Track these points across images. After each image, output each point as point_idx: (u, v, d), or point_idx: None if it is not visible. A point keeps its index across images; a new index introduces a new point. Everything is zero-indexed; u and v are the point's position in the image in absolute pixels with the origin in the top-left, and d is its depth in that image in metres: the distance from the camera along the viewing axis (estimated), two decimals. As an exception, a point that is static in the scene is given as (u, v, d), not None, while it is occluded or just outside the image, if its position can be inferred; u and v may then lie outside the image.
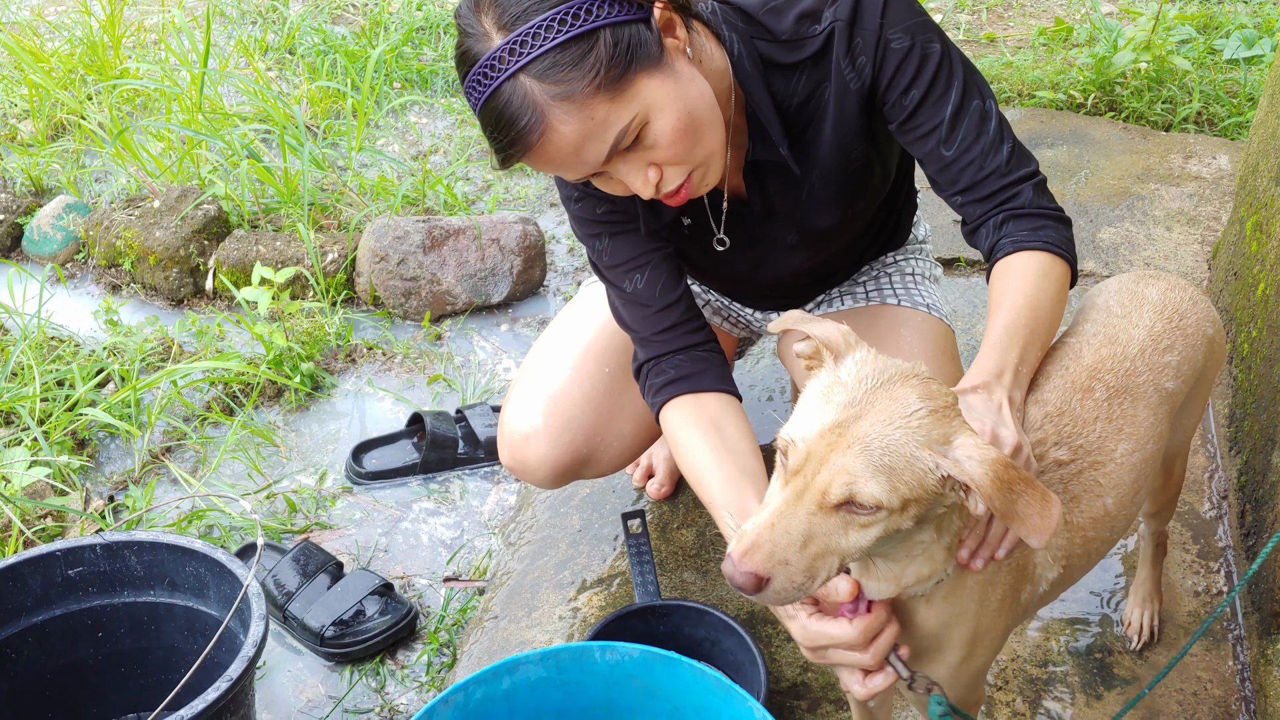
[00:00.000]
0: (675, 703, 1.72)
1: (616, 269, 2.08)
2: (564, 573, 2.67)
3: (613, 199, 2.03)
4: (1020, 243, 1.87)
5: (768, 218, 2.12)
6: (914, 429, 1.36)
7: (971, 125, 1.91)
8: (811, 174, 2.03)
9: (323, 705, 2.59)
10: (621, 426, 2.34)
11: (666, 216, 2.04)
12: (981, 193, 1.92)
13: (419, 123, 4.72)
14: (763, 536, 1.37)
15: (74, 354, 3.45)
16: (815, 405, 1.40)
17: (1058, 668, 2.38)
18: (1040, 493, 1.37)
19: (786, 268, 2.25)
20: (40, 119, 4.60)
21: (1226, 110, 4.25)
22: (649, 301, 2.06)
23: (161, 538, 2.31)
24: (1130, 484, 1.75)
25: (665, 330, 2.06)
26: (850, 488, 1.34)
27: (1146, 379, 1.80)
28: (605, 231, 2.07)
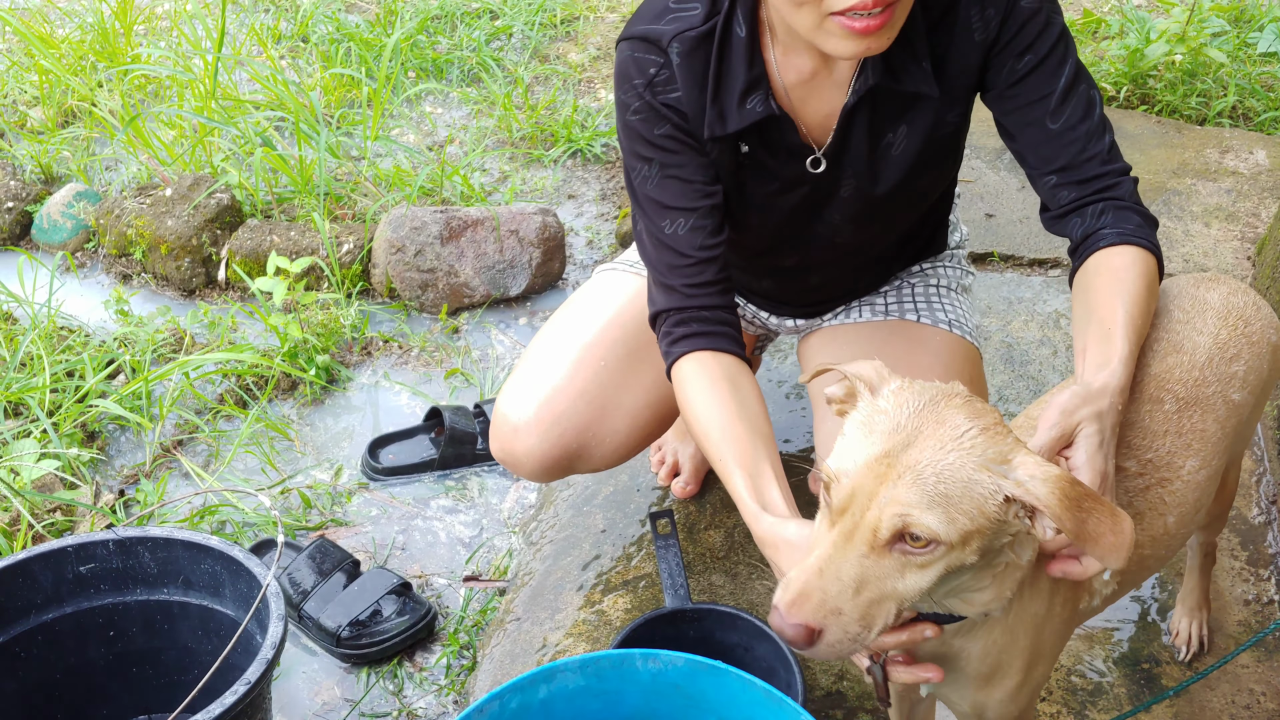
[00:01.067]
0: (720, 714, 1.64)
1: (658, 205, 1.97)
2: (588, 573, 2.58)
3: (674, 120, 1.93)
4: (1128, 235, 1.81)
5: (835, 170, 2.01)
6: (968, 450, 1.27)
7: (1079, 105, 1.86)
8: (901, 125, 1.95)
9: (339, 708, 2.51)
10: (615, 423, 2.26)
11: (731, 127, 1.92)
12: (1080, 175, 1.86)
13: (434, 112, 4.64)
14: (811, 584, 1.27)
15: (84, 344, 3.37)
16: (857, 437, 1.31)
17: (1103, 678, 2.30)
18: (1110, 510, 1.28)
19: (825, 239, 2.15)
20: (50, 106, 4.52)
21: (1263, 104, 4.16)
22: (687, 251, 1.95)
23: (176, 534, 2.23)
24: (1193, 502, 1.66)
25: (696, 285, 1.96)
26: (903, 520, 1.24)
27: (1215, 390, 1.70)
28: (657, 159, 1.96)
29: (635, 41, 1.94)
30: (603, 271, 2.45)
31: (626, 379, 2.26)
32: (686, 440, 2.75)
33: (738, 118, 1.90)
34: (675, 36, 1.90)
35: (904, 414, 1.30)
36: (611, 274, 2.41)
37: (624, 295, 2.35)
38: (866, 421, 1.32)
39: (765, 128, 1.94)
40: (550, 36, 5.17)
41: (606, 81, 4.81)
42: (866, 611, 1.28)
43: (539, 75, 4.87)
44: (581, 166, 4.32)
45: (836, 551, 1.27)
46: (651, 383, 2.28)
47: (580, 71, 4.88)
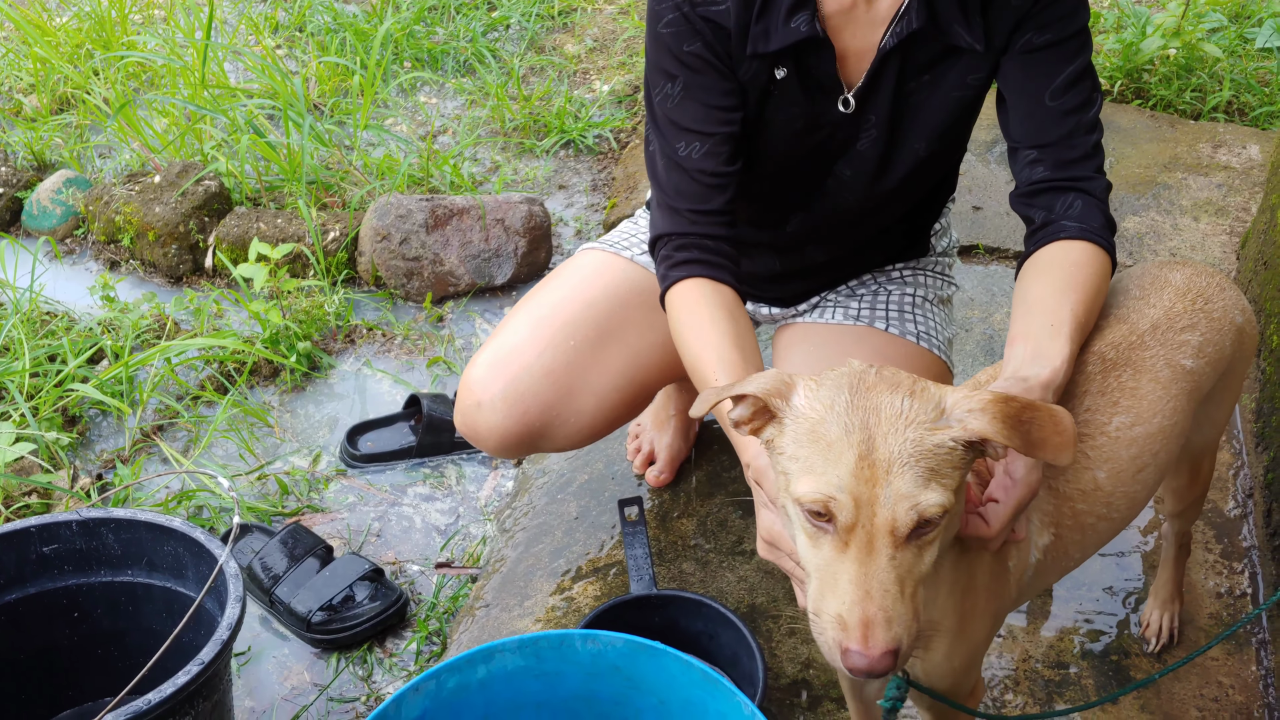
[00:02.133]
0: (660, 696, 1.63)
1: (676, 126, 1.94)
2: (559, 561, 2.57)
3: (707, 37, 1.90)
4: (1090, 233, 1.81)
5: (859, 115, 1.98)
6: (918, 420, 1.29)
7: (1080, 96, 1.86)
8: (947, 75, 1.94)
9: (307, 693, 2.50)
10: (580, 403, 2.24)
11: (774, 44, 1.89)
12: (1061, 156, 1.86)
13: (429, 103, 4.63)
14: (868, 608, 1.26)
15: (67, 329, 3.37)
16: (815, 453, 1.30)
17: (1072, 670, 2.28)
18: (1047, 412, 1.33)
19: (830, 197, 2.12)
20: (45, 93, 4.53)
21: (1258, 99, 4.12)
22: (698, 175, 1.93)
23: (139, 515, 2.23)
24: (1130, 459, 1.66)
25: (703, 212, 1.93)
26: (918, 511, 1.26)
27: (1156, 354, 1.71)
28: (683, 76, 1.93)
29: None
30: (585, 250, 2.43)
31: (596, 359, 2.24)
32: (664, 429, 2.73)
33: (782, 35, 1.87)
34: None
35: (841, 416, 1.30)
36: (592, 253, 2.39)
37: (601, 275, 2.33)
38: (811, 436, 1.31)
39: (804, 52, 1.91)
40: (548, 28, 5.16)
41: (602, 73, 4.80)
42: (912, 605, 1.30)
43: (534, 66, 4.86)
44: (574, 157, 4.31)
45: (866, 566, 1.27)
46: (622, 364, 2.26)
47: (576, 63, 4.87)
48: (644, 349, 2.28)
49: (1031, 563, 1.62)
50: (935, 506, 1.27)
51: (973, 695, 1.69)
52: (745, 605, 2.42)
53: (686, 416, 2.72)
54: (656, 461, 2.73)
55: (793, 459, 1.33)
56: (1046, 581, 1.73)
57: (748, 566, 2.50)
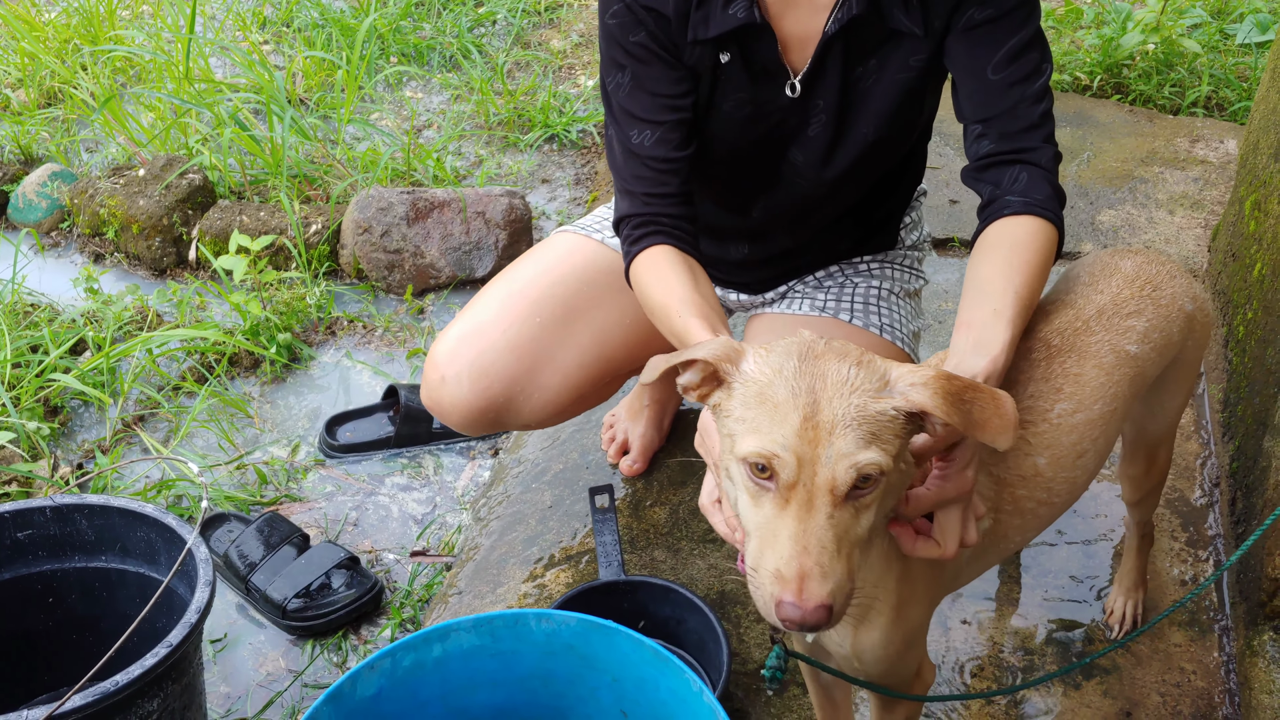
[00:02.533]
0: (614, 674, 1.65)
1: (629, 115, 1.98)
2: (532, 548, 2.59)
3: (650, 26, 1.93)
4: (1033, 205, 1.80)
5: (807, 99, 2.01)
6: (862, 388, 1.32)
7: (1024, 68, 1.85)
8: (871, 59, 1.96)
9: (282, 679, 2.53)
10: (545, 379, 2.25)
11: (714, 30, 1.92)
12: (1004, 129, 1.86)
13: (415, 98, 4.66)
14: (805, 562, 1.28)
15: (50, 320, 3.39)
16: (763, 412, 1.33)
17: (1036, 657, 2.30)
18: (990, 394, 1.35)
19: (789, 182, 2.15)
20: (32, 87, 4.55)
21: (1236, 94, 4.15)
22: (652, 161, 1.97)
23: (112, 501, 2.25)
24: (1070, 445, 1.68)
25: (659, 195, 1.96)
26: (856, 469, 1.29)
27: (1100, 339, 1.73)
28: (630, 66, 1.97)
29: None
30: (558, 233, 2.45)
31: (561, 336, 2.26)
32: (637, 419, 2.76)
33: (720, 21, 1.90)
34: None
35: (788, 380, 1.33)
36: (564, 235, 2.42)
37: (571, 255, 2.35)
38: (760, 395, 1.34)
39: (746, 38, 1.94)
40: (533, 23, 5.18)
41: (587, 67, 4.82)
42: (848, 565, 1.31)
43: (519, 61, 4.88)
44: (557, 152, 4.33)
45: (804, 522, 1.29)
46: (588, 342, 2.29)
47: (561, 58, 4.89)
48: (611, 328, 2.30)
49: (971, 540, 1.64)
50: (873, 465, 1.29)
51: (920, 677, 1.71)
52: (715, 592, 2.44)
53: (660, 406, 2.75)
54: (630, 451, 2.75)
55: (739, 420, 1.35)
56: (985, 564, 1.75)
57: (718, 554, 2.52)
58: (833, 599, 1.28)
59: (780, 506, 1.31)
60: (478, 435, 2.67)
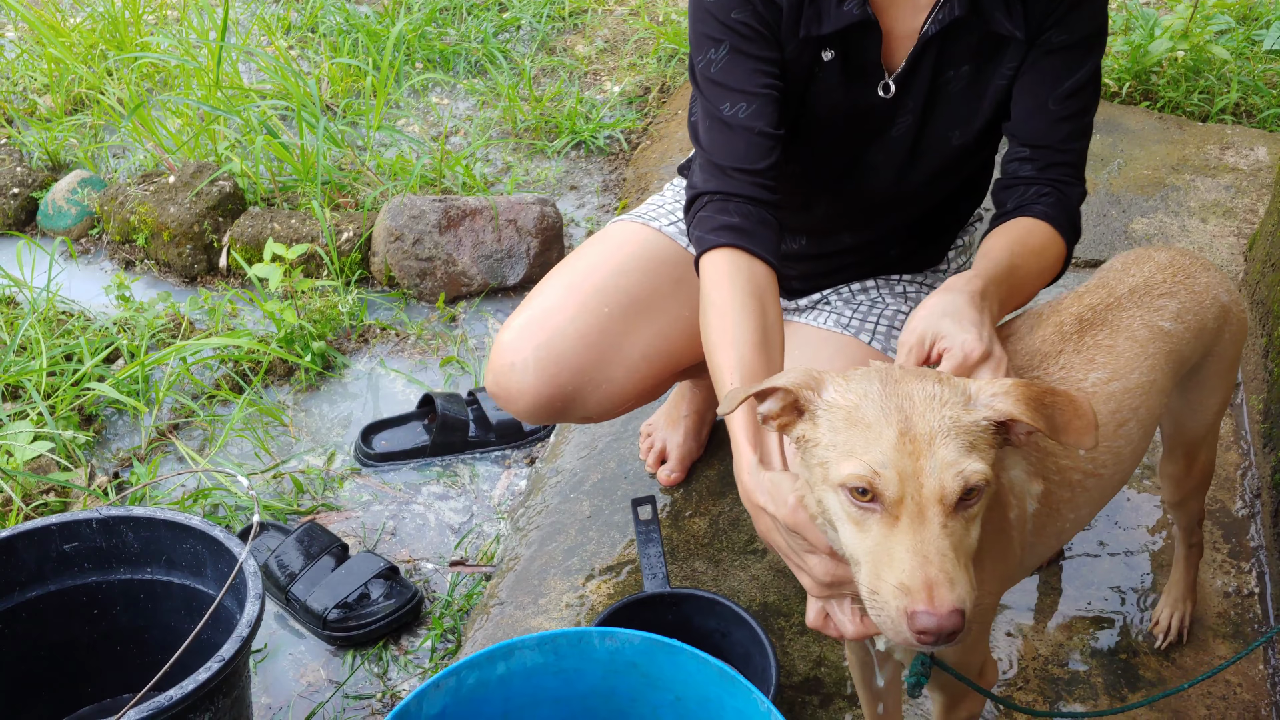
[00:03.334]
0: (677, 693, 1.65)
1: (721, 87, 1.91)
2: (572, 559, 2.60)
3: (757, 6, 1.89)
4: (1053, 219, 1.91)
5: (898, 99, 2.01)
6: (951, 402, 1.34)
7: (1081, 102, 1.94)
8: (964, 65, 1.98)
9: (323, 690, 2.53)
10: (612, 371, 2.24)
11: (827, 27, 1.89)
12: (1050, 159, 1.94)
13: (440, 103, 4.66)
14: (930, 570, 1.26)
15: (83, 329, 3.40)
16: (855, 434, 1.33)
17: (1080, 668, 2.30)
18: (1068, 397, 1.38)
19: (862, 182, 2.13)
20: (59, 94, 4.56)
21: (1266, 101, 4.14)
22: (746, 132, 1.89)
23: (159, 514, 2.25)
24: (1109, 414, 1.71)
25: (749, 171, 1.89)
26: (964, 478, 1.29)
27: (1133, 314, 1.78)
28: (728, 40, 1.91)
29: None
30: (614, 222, 2.43)
31: (628, 329, 2.24)
32: (675, 428, 2.75)
33: (835, 18, 1.89)
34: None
35: (876, 400, 1.34)
36: (623, 224, 2.40)
37: (633, 245, 2.33)
38: (850, 419, 1.34)
39: (852, 36, 1.93)
40: (558, 29, 5.18)
41: (613, 74, 4.82)
42: (969, 574, 1.30)
43: (545, 67, 4.88)
44: (585, 158, 4.33)
45: (919, 535, 1.28)
46: (653, 335, 2.27)
47: (587, 64, 4.90)
48: (673, 322, 2.28)
49: (1030, 513, 1.64)
50: (979, 474, 1.30)
51: (983, 675, 1.71)
52: (757, 604, 2.44)
53: (699, 416, 2.75)
54: (668, 460, 2.75)
55: (830, 446, 1.34)
56: (1046, 545, 1.74)
57: (760, 565, 2.53)
58: (963, 603, 1.26)
59: (890, 525, 1.29)
60: (538, 424, 2.65)
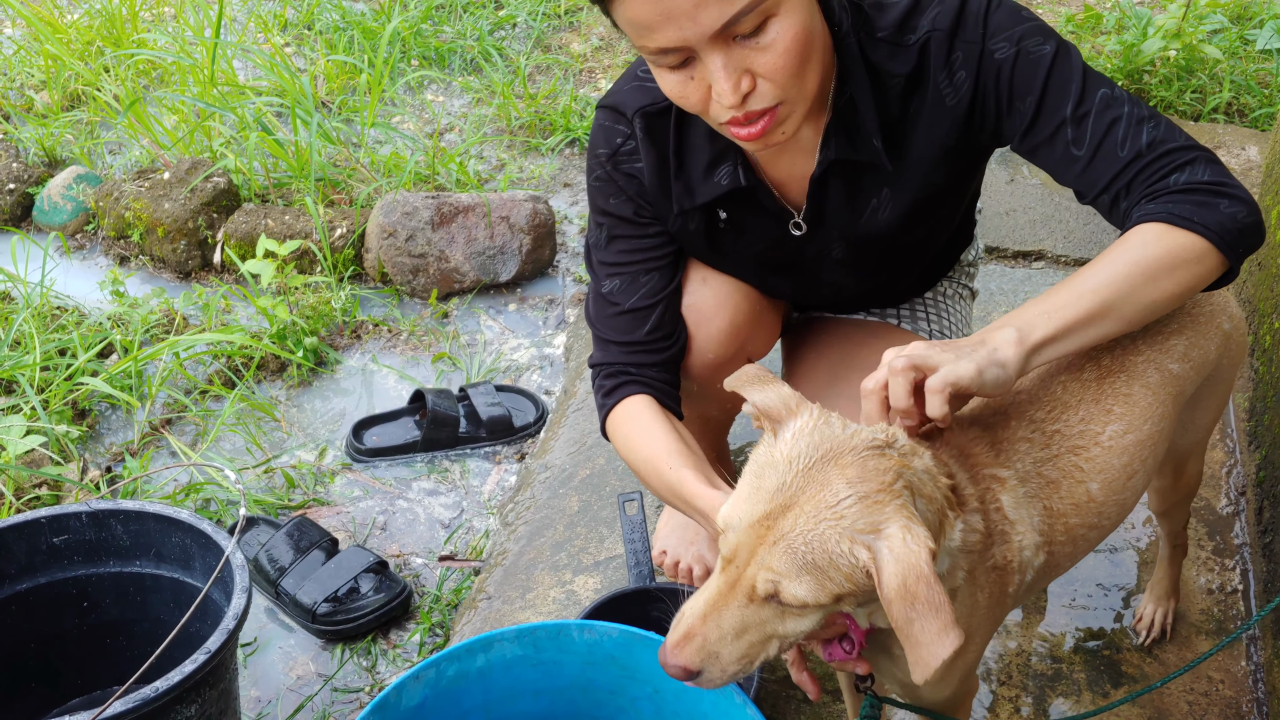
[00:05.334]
0: (655, 685, 1.67)
1: (603, 265, 2.02)
2: (560, 554, 2.61)
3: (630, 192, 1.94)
4: (1141, 217, 1.63)
5: (818, 232, 1.98)
6: (838, 520, 1.30)
7: (1100, 120, 1.69)
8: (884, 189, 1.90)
9: (312, 683, 2.54)
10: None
11: (700, 199, 1.90)
12: (1125, 183, 1.68)
13: (436, 101, 4.67)
14: (695, 628, 1.37)
15: (77, 324, 3.41)
16: (748, 488, 1.37)
17: (1064, 664, 2.31)
18: (943, 624, 1.28)
19: (830, 287, 2.14)
20: (56, 90, 4.58)
21: (1258, 101, 4.15)
22: (621, 309, 1.99)
23: (148, 507, 2.27)
24: (1121, 468, 1.67)
25: (629, 343, 1.99)
26: (775, 586, 1.32)
27: (1147, 358, 1.72)
28: (606, 225, 2.00)
29: (607, 110, 1.95)
30: None
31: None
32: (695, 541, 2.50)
33: (704, 190, 1.90)
34: (638, 111, 1.89)
35: (792, 471, 1.34)
36: None
37: None
38: (759, 472, 1.37)
39: (739, 195, 1.92)
40: (554, 26, 5.20)
41: (608, 71, 4.83)
42: (746, 651, 1.38)
43: (540, 65, 4.89)
44: (578, 155, 4.34)
45: (720, 598, 1.36)
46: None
47: (582, 61, 4.91)
48: None
49: (1027, 582, 1.64)
50: (793, 596, 1.31)
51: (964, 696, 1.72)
52: (743, 599, 2.45)
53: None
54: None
55: (742, 480, 1.40)
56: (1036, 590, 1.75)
57: (746, 561, 2.54)
58: (700, 669, 1.37)
59: (720, 568, 1.38)
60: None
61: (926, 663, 1.28)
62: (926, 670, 1.28)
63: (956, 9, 1.75)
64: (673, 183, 1.91)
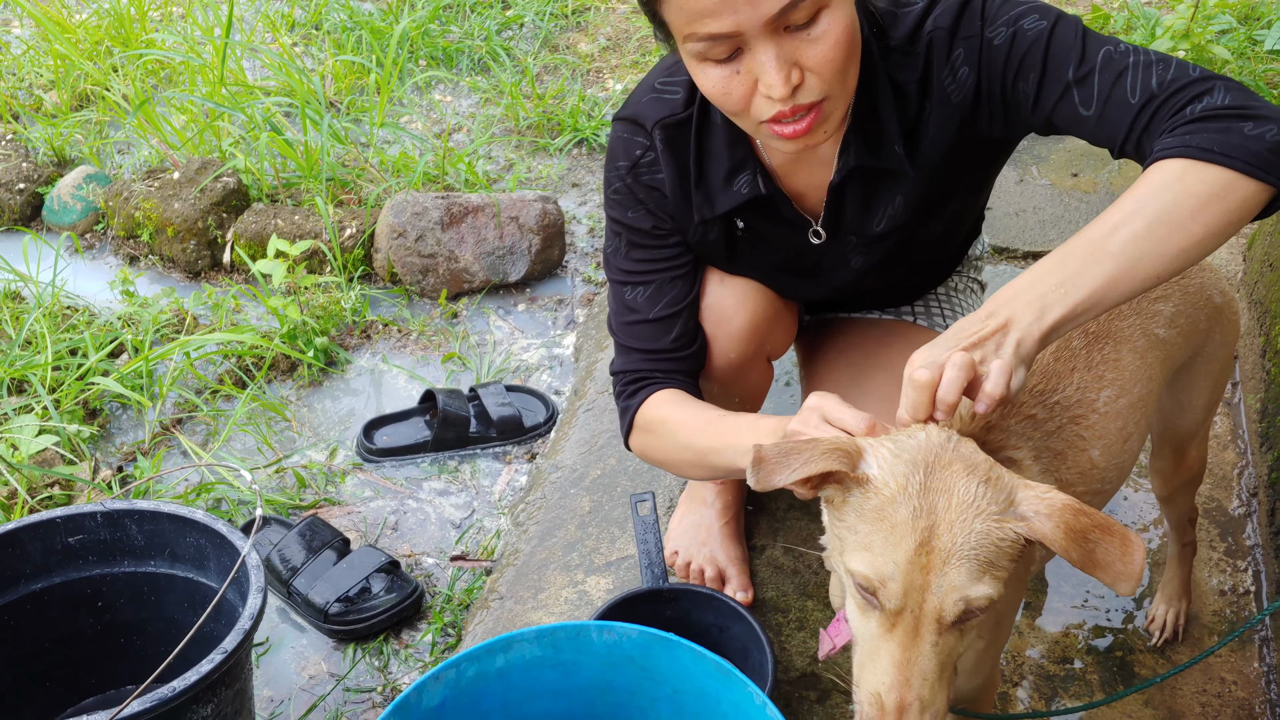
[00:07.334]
0: (674, 686, 1.67)
1: (623, 273, 2.05)
2: (572, 554, 2.62)
3: (650, 205, 1.96)
4: (1156, 155, 1.54)
5: (837, 239, 2.00)
6: (985, 512, 1.30)
7: (1106, 76, 1.64)
8: (899, 193, 1.93)
9: (324, 683, 2.55)
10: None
11: (720, 209, 1.93)
12: (1144, 127, 1.61)
13: (444, 100, 4.68)
14: (906, 695, 1.29)
15: (88, 324, 3.42)
16: (876, 531, 1.31)
17: (1076, 665, 2.32)
18: (1120, 537, 1.29)
19: (849, 285, 2.15)
20: (65, 90, 4.58)
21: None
22: (644, 318, 2.02)
23: (162, 507, 2.27)
24: (1117, 431, 1.69)
25: (652, 351, 2.02)
26: (965, 603, 1.28)
27: (1132, 323, 1.75)
28: (626, 235, 2.03)
29: (625, 123, 1.96)
30: None
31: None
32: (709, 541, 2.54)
33: (725, 199, 1.91)
34: (658, 123, 1.90)
35: (912, 495, 1.30)
36: None
37: None
38: (878, 516, 1.31)
39: (758, 204, 1.94)
40: (561, 26, 5.20)
41: (615, 71, 4.84)
42: (948, 690, 1.32)
43: (548, 65, 4.90)
44: (587, 155, 4.35)
45: (908, 650, 1.30)
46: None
47: (589, 61, 4.91)
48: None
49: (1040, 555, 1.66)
50: (983, 599, 1.28)
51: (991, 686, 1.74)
52: (755, 599, 2.46)
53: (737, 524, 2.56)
54: (728, 580, 2.48)
55: (852, 530, 1.34)
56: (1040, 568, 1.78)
57: (758, 561, 2.54)
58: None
59: (886, 629, 1.31)
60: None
61: (1129, 574, 1.28)
62: (1132, 580, 1.28)
63: (957, 7, 1.76)
64: (693, 192, 1.92)
